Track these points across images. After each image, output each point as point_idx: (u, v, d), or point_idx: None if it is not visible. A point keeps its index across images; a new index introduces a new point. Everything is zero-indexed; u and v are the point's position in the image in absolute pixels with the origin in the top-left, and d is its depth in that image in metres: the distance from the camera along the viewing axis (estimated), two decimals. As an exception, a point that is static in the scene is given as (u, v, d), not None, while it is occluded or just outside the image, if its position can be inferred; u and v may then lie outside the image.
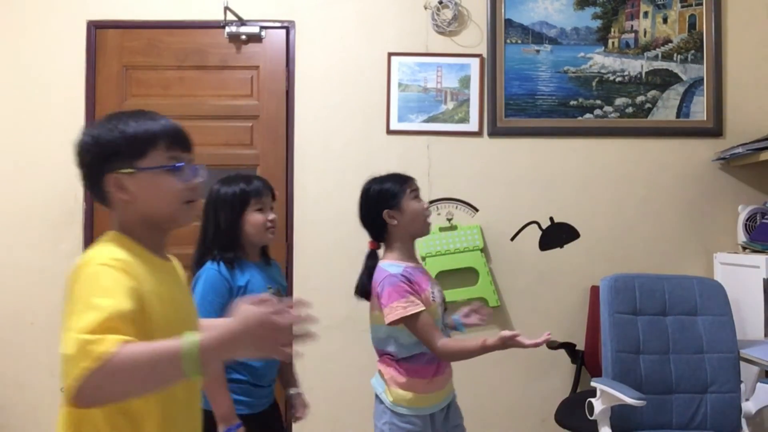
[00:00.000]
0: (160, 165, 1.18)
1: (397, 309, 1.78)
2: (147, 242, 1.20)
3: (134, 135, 1.16)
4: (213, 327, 1.04)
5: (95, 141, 1.16)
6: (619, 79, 2.96)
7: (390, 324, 1.80)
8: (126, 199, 1.16)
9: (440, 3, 2.91)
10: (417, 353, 1.85)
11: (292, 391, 2.09)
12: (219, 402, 1.76)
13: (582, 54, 2.97)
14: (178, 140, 1.22)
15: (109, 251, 1.12)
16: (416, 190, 1.93)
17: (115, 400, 1.03)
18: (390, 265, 1.87)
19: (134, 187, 1.16)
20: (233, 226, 1.88)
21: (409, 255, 1.93)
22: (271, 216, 1.93)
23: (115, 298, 1.02)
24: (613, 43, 2.97)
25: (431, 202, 2.86)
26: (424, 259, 2.80)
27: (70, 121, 2.92)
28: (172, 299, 1.20)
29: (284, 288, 2.05)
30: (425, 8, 2.94)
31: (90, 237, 2.90)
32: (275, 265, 2.06)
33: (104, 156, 1.16)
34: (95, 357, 0.93)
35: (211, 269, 1.85)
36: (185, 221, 1.23)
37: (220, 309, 1.78)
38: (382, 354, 1.92)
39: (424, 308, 1.80)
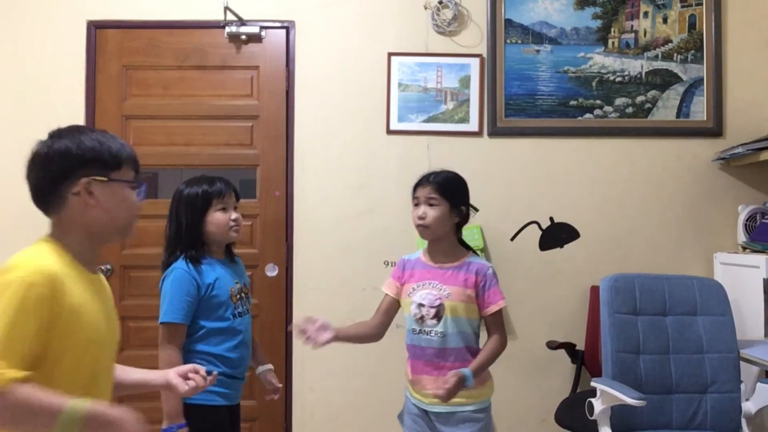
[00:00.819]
0: (128, 180, 1.30)
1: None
2: (82, 255, 1.27)
3: (114, 148, 1.28)
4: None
5: (77, 146, 1.24)
6: (619, 79, 2.96)
7: None
8: (91, 205, 1.24)
9: (440, 3, 2.91)
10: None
11: (263, 368, 2.18)
12: (169, 398, 1.81)
13: (582, 54, 2.97)
14: (137, 164, 1.34)
15: (42, 260, 1.19)
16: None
17: None
18: (416, 252, 2.06)
19: (102, 195, 1.25)
20: (196, 225, 1.97)
21: (437, 251, 1.97)
22: (234, 215, 2.02)
23: (22, 330, 1.09)
24: (613, 43, 2.97)
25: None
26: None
27: (70, 121, 2.89)
28: (100, 313, 1.26)
29: (248, 284, 2.15)
30: (425, 8, 2.94)
31: (90, 237, 2.91)
32: (239, 262, 2.15)
33: (84, 161, 1.24)
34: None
35: (178, 268, 1.92)
36: (129, 234, 1.35)
37: (188, 306, 1.90)
38: None
39: (386, 292, 2.03)
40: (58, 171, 1.25)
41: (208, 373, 1.52)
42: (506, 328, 1.98)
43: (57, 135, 1.29)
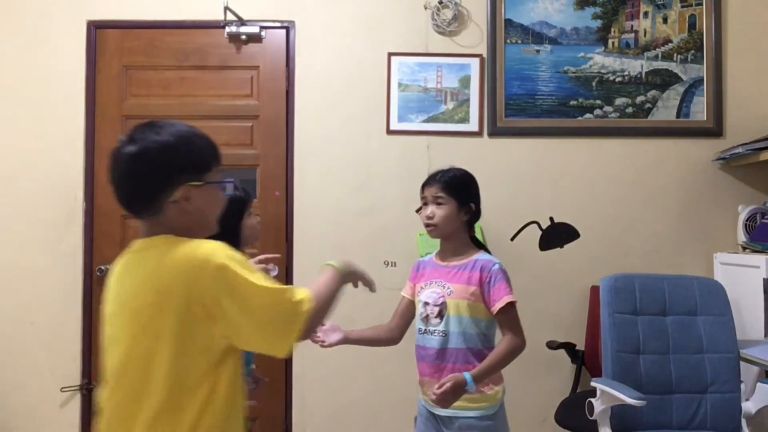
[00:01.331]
0: (218, 180, 1.27)
1: None
2: None
3: (205, 149, 1.26)
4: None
5: (174, 153, 1.20)
6: (619, 79, 2.96)
7: None
8: (188, 210, 1.21)
9: (440, 3, 2.91)
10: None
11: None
12: None
13: (582, 54, 2.97)
14: (221, 158, 1.30)
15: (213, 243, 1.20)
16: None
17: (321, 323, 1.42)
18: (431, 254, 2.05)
19: (198, 199, 1.22)
20: (236, 229, 2.01)
21: (446, 250, 1.96)
22: (258, 219, 2.14)
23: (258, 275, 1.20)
24: (613, 43, 2.97)
25: (431, 202, 2.86)
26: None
27: (71, 121, 2.92)
28: None
29: None
30: (425, 8, 2.94)
31: (90, 237, 2.91)
32: None
33: (181, 168, 1.20)
34: (305, 309, 1.19)
35: None
36: (214, 230, 1.31)
37: None
38: None
39: (403, 294, 2.04)
40: (157, 181, 1.19)
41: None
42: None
43: (146, 138, 1.20)
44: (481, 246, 1.99)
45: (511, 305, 1.85)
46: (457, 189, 1.90)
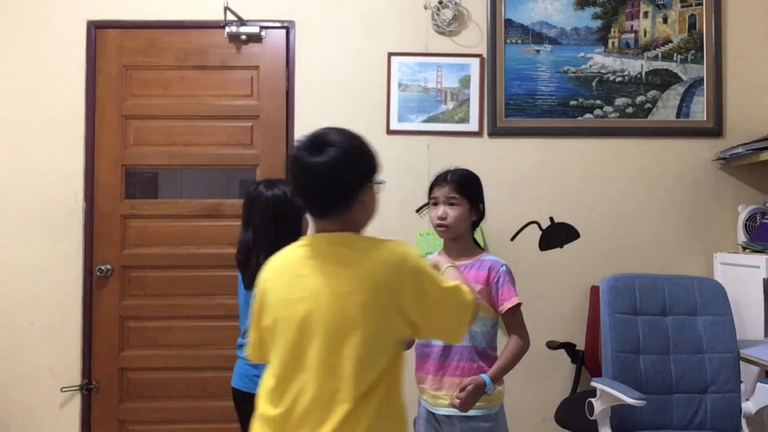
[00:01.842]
0: (380, 181, 1.44)
1: None
2: None
3: (375, 152, 1.42)
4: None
5: (370, 157, 1.40)
6: (619, 79, 2.96)
7: None
8: (368, 208, 1.39)
9: (440, 3, 2.91)
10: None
11: None
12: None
13: (582, 54, 2.97)
14: None
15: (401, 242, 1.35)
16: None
17: None
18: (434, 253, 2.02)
19: (370, 198, 1.40)
20: (296, 228, 2.04)
21: (453, 249, 1.95)
22: None
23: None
24: (613, 43, 2.97)
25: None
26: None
27: (71, 121, 2.92)
28: None
29: None
30: (425, 8, 2.94)
31: (90, 236, 2.91)
32: None
33: (373, 170, 1.40)
34: (472, 301, 1.35)
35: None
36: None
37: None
38: None
39: None
40: (358, 181, 1.35)
41: None
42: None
43: (345, 142, 1.36)
44: (480, 247, 2.00)
45: (517, 306, 1.87)
46: (470, 189, 1.91)
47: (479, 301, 1.75)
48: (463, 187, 1.90)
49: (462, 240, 1.94)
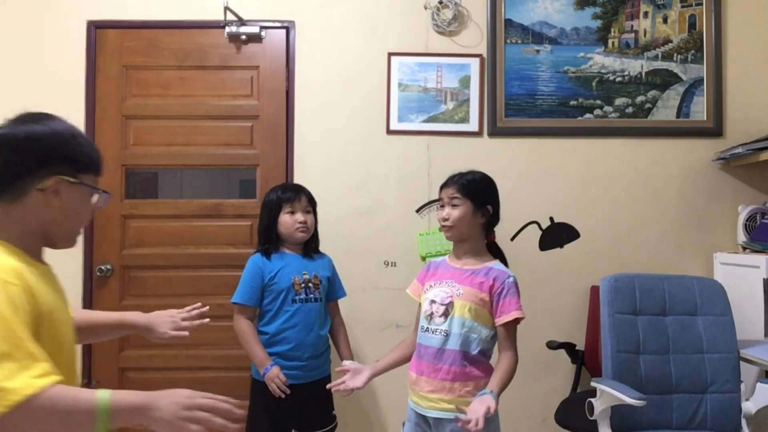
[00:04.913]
0: (94, 186, 1.23)
1: None
2: (32, 251, 1.20)
3: (87, 150, 1.21)
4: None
5: (54, 139, 1.16)
6: (619, 79, 2.96)
7: None
8: (53, 205, 1.17)
9: (440, 3, 2.91)
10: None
11: (344, 364, 2.11)
12: (252, 352, 2.26)
13: (582, 54, 2.97)
14: (101, 170, 1.27)
15: (6, 261, 1.09)
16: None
17: None
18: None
19: (67, 197, 1.18)
20: (271, 225, 2.35)
21: (460, 252, 1.96)
22: (301, 218, 2.33)
23: (21, 333, 1.01)
24: (613, 43, 2.97)
25: (431, 202, 2.86)
26: (423, 258, 2.81)
27: (70, 121, 2.91)
28: (65, 311, 1.24)
29: (326, 278, 2.40)
30: (425, 8, 2.94)
31: (90, 237, 2.91)
32: (320, 258, 2.44)
33: (58, 157, 1.16)
34: (8, 403, 0.96)
35: (251, 259, 2.35)
36: (73, 244, 1.26)
37: (251, 290, 2.29)
38: None
39: (413, 297, 2.03)
40: (29, 161, 1.14)
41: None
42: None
43: (30, 120, 1.16)
44: (498, 254, 1.97)
45: (515, 322, 1.86)
46: (473, 191, 1.91)
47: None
48: (466, 189, 1.90)
49: (469, 243, 1.93)
